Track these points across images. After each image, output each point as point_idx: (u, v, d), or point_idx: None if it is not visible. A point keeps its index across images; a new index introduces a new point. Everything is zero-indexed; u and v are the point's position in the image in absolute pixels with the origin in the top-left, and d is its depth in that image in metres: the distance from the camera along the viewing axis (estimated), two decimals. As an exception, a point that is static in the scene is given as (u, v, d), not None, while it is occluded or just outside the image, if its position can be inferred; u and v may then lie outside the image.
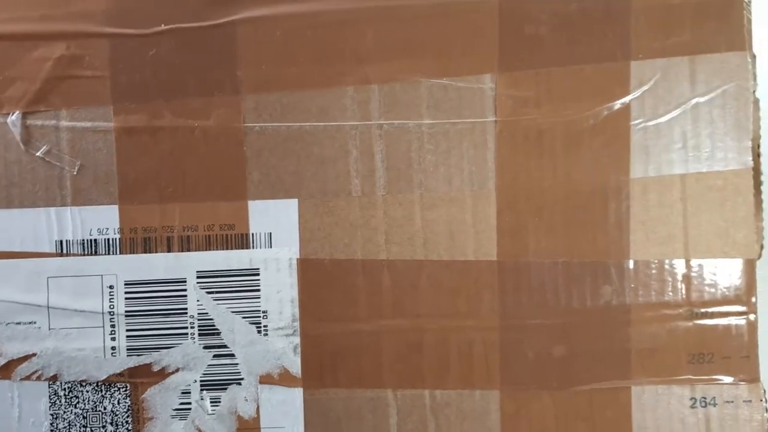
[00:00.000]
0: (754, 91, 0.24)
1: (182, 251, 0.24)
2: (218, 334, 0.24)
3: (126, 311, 0.24)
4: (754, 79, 0.24)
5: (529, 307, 0.24)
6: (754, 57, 0.23)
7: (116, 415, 0.25)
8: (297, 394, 0.25)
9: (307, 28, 0.24)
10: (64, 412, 0.24)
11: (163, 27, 0.24)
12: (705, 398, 0.25)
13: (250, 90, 0.24)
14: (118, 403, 0.24)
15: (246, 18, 0.24)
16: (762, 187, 0.24)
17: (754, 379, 0.25)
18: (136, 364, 0.24)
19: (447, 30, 0.24)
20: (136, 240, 0.24)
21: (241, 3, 0.24)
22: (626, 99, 0.24)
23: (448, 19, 0.24)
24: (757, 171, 0.24)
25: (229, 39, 0.24)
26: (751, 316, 0.25)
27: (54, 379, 0.24)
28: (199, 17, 0.24)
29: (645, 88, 0.24)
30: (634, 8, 0.24)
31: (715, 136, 0.24)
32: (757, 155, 0.24)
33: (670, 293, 0.24)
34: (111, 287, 0.24)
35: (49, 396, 0.24)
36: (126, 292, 0.24)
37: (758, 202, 0.24)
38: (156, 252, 0.24)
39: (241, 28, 0.24)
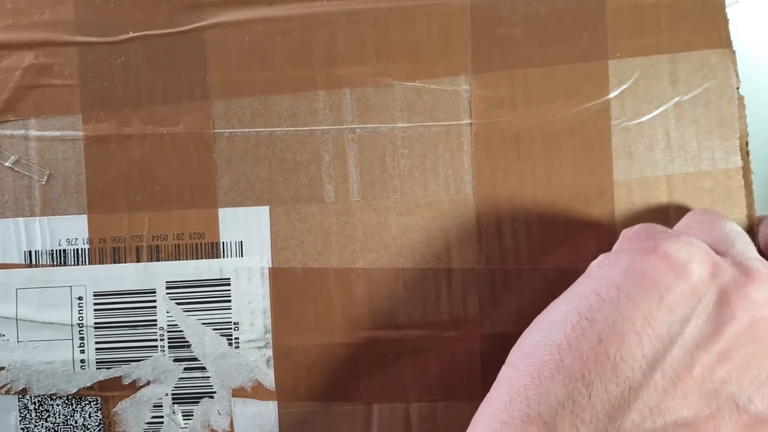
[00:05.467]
0: (737, 88, 0.23)
1: (151, 261, 0.24)
2: (188, 346, 0.24)
3: (95, 323, 0.24)
4: (737, 75, 0.23)
5: (511, 315, 0.24)
6: (734, 54, 0.23)
7: (88, 429, 0.24)
8: (271, 407, 0.24)
9: (276, 32, 0.23)
10: (35, 426, 0.24)
11: (131, 34, 0.23)
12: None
13: (219, 96, 0.23)
14: (90, 417, 0.24)
15: (214, 24, 0.23)
16: (753, 188, 0.23)
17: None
18: (106, 377, 0.24)
19: (418, 32, 0.23)
20: (105, 250, 0.24)
21: (208, 9, 0.23)
22: (605, 98, 0.23)
23: (418, 21, 0.23)
24: (746, 170, 0.23)
25: (197, 45, 0.23)
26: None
27: (24, 392, 0.24)
28: (167, 24, 0.23)
29: (624, 87, 0.23)
30: (608, 8, 0.23)
31: (701, 135, 0.23)
32: (746, 154, 0.23)
33: (659, 300, 0.23)
34: (80, 298, 0.24)
35: (20, 410, 0.24)
36: (95, 304, 0.24)
37: (750, 203, 0.23)
38: (125, 262, 0.24)
39: (210, 33, 0.23)
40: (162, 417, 0.24)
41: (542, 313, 0.19)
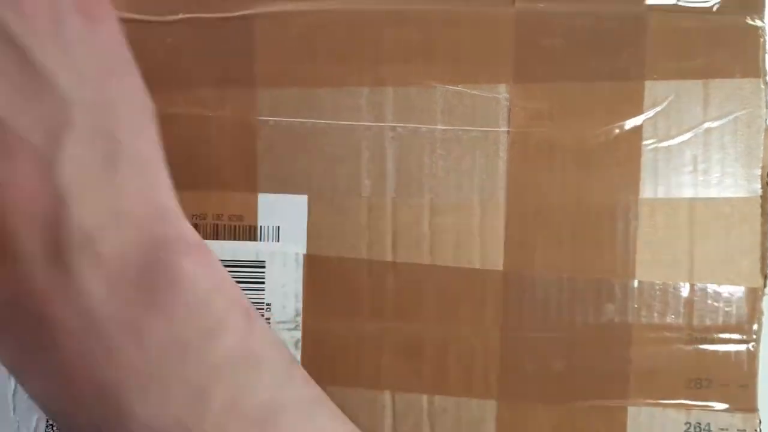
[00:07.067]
0: (766, 119, 0.24)
1: (188, 239, 0.24)
2: (217, 325, 0.24)
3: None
4: (767, 106, 0.24)
5: (532, 319, 0.24)
6: (767, 84, 0.24)
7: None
8: (292, 391, 0.24)
9: (325, 26, 0.24)
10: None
11: (181, 15, 0.24)
12: (699, 424, 0.25)
13: (265, 84, 0.24)
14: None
15: (264, 12, 0.24)
16: (769, 216, 0.24)
17: (750, 408, 0.25)
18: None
19: (463, 37, 0.24)
20: (142, 225, 0.24)
21: (262, -3, 0.24)
22: (639, 118, 0.24)
23: (464, 27, 0.24)
24: (765, 199, 0.24)
25: (246, 32, 0.24)
26: (752, 345, 0.25)
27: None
28: (217, 8, 0.24)
29: (658, 108, 0.24)
30: (650, 28, 0.24)
31: (726, 162, 0.24)
32: (766, 183, 0.24)
33: (672, 316, 0.24)
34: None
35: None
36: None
37: (764, 231, 0.24)
38: (161, 239, 0.24)
39: (259, 21, 0.24)
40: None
41: None
